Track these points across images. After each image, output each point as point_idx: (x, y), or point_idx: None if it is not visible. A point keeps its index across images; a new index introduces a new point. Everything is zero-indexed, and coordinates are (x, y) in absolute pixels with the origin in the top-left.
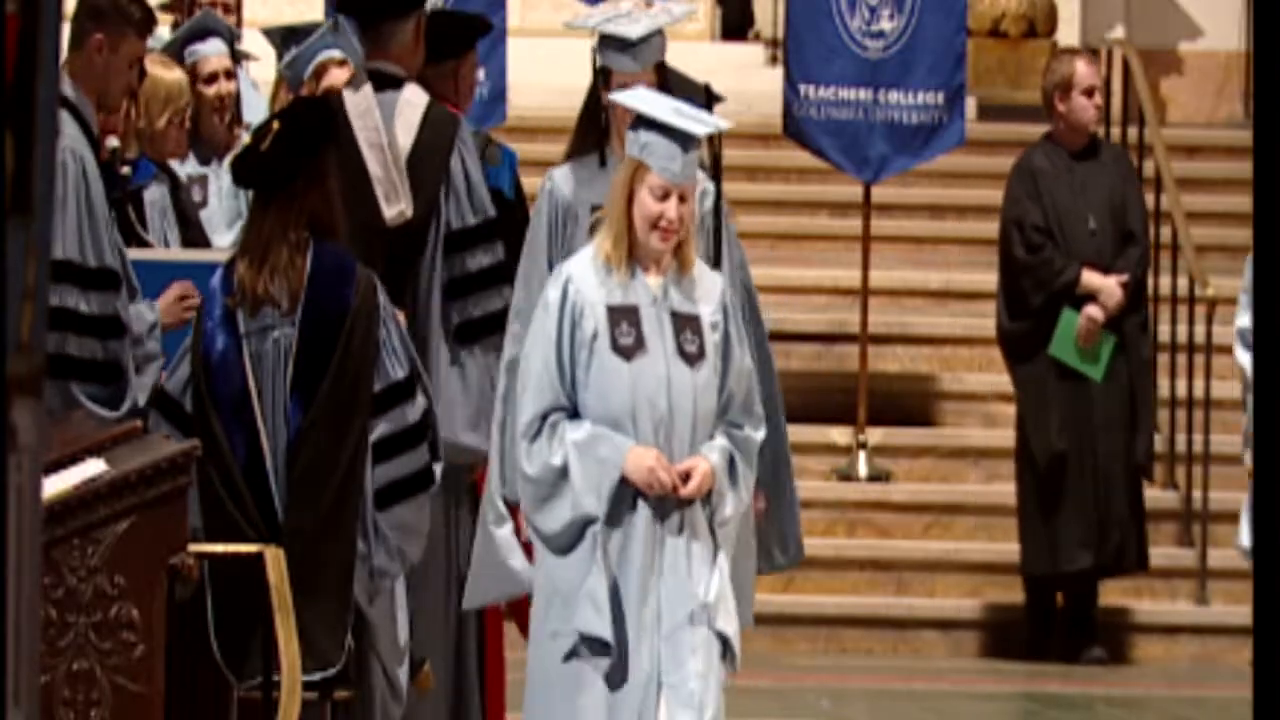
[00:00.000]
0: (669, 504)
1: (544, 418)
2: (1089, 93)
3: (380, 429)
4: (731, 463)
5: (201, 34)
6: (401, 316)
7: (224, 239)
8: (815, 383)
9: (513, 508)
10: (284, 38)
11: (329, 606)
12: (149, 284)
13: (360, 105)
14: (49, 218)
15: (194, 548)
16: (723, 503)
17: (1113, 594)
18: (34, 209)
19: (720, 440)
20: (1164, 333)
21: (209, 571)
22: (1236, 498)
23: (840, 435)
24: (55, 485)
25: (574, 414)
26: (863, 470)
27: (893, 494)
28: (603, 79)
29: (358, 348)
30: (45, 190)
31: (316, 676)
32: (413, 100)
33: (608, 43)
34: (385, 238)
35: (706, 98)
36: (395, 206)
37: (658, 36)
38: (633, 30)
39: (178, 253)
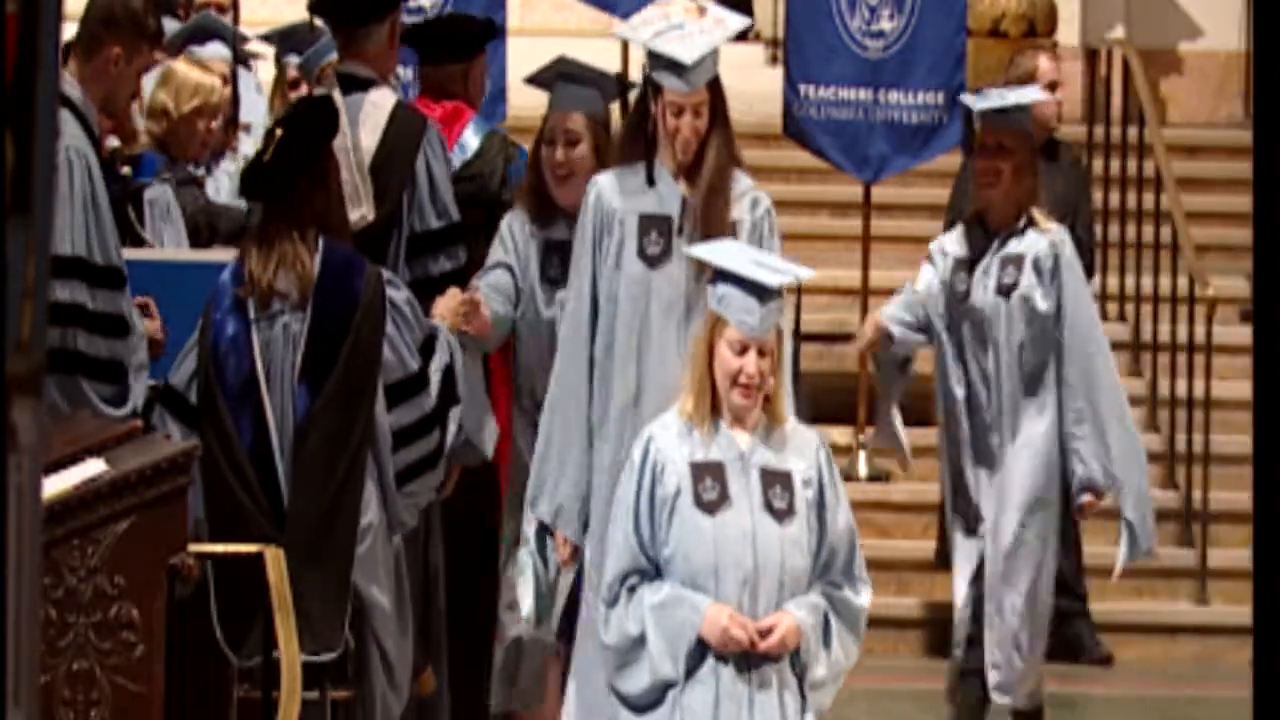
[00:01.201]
0: (754, 660)
1: (623, 581)
2: (1051, 88)
3: (399, 419)
4: (826, 622)
5: (201, 36)
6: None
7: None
8: (815, 383)
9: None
10: (281, 39)
11: (329, 591)
12: (149, 284)
13: None
14: (49, 217)
15: (194, 548)
16: (814, 664)
17: (1112, 594)
18: (34, 209)
19: (814, 598)
20: (1164, 332)
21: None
22: (1237, 497)
23: (840, 435)
24: (55, 485)
25: (658, 573)
26: (863, 470)
27: (893, 494)
28: (652, 91)
29: (367, 338)
30: (45, 190)
31: (315, 659)
32: (379, 102)
33: (660, 60)
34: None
35: (619, 87)
36: (357, 210)
37: (711, 55)
38: (687, 54)
39: (178, 253)
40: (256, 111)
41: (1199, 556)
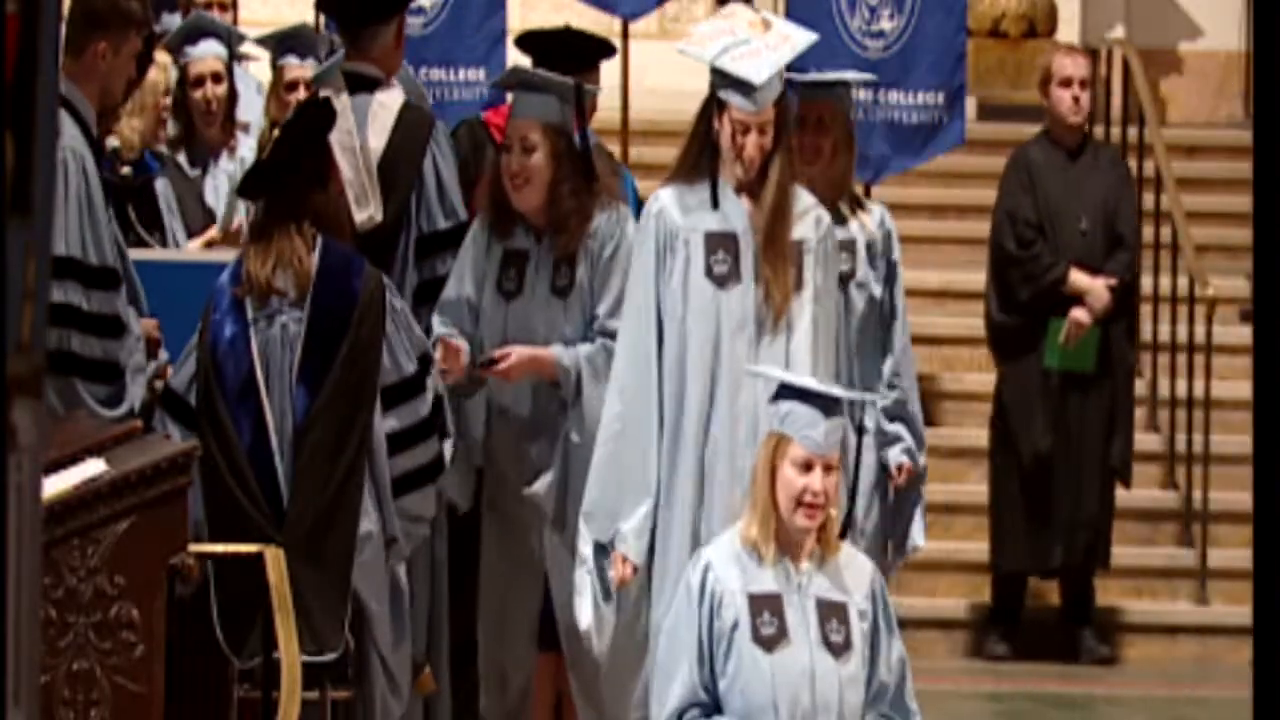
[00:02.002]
0: None
1: (680, 716)
2: (1067, 83)
3: (395, 423)
4: None
5: (195, 36)
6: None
7: None
8: None
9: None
10: (278, 41)
11: (329, 591)
12: (149, 284)
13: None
14: (49, 218)
15: (194, 548)
16: None
17: (1113, 594)
18: (34, 209)
19: None
20: (1164, 332)
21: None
22: (1237, 497)
23: None
24: (55, 485)
25: (716, 706)
26: None
27: None
28: (716, 107)
29: (365, 339)
30: (45, 190)
31: (315, 659)
32: (386, 102)
33: (727, 78)
34: (355, 241)
35: (576, 95)
36: (365, 211)
37: (778, 74)
38: (756, 74)
39: (178, 253)
40: (255, 111)
41: (1199, 556)
